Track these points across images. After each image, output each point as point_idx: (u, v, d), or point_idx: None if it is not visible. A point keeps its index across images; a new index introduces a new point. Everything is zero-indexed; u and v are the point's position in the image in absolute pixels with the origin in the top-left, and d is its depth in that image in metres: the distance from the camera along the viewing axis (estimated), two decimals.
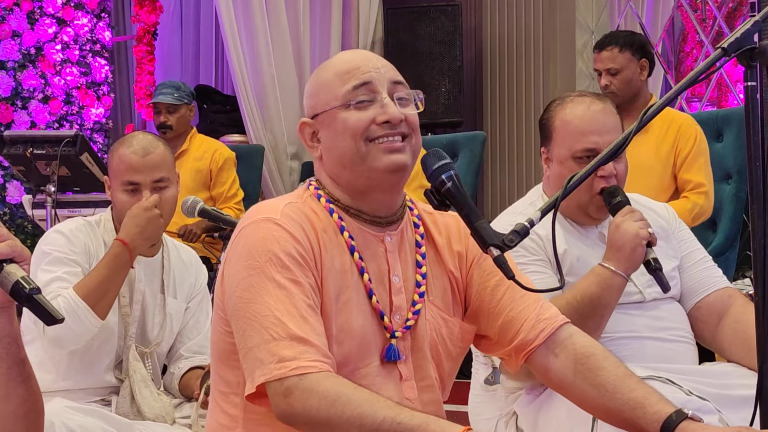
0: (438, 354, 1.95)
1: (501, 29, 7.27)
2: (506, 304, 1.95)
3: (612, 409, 1.84)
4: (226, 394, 1.89)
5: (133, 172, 2.72)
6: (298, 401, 1.69)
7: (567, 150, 2.50)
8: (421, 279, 1.93)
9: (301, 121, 1.94)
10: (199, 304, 2.94)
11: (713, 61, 1.70)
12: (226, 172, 5.37)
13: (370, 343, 1.85)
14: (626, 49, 4.27)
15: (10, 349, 1.59)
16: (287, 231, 1.80)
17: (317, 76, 1.94)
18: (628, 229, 2.37)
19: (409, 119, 1.88)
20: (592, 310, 2.36)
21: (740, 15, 8.05)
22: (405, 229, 1.94)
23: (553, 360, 1.91)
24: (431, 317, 1.93)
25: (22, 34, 7.02)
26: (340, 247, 1.86)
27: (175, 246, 2.93)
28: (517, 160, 7.27)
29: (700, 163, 4.08)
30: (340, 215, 1.88)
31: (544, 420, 2.38)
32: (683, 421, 1.75)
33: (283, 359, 1.70)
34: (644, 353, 2.46)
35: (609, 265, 2.38)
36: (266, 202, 1.91)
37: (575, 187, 1.81)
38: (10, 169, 6.43)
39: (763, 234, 1.65)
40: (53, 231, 2.76)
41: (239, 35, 6.69)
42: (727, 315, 2.54)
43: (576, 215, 2.55)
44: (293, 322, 1.73)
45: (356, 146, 1.84)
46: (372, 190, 1.88)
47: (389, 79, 1.89)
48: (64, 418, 2.46)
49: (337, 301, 1.82)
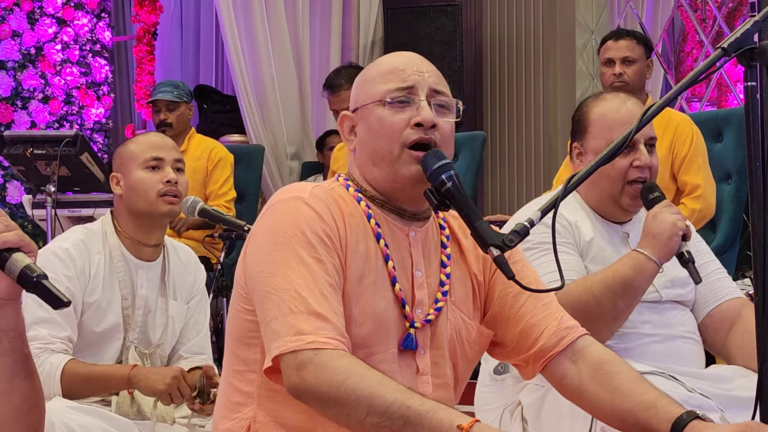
0: (455, 354, 1.96)
1: (501, 29, 7.27)
2: (528, 310, 1.96)
3: (625, 411, 1.85)
4: (241, 372, 1.89)
5: (157, 148, 2.79)
6: (311, 375, 1.69)
7: (604, 141, 2.53)
8: (446, 279, 1.94)
9: (342, 114, 1.97)
10: (198, 304, 2.95)
11: (713, 61, 1.70)
12: (220, 170, 5.36)
13: (389, 329, 1.86)
14: (641, 44, 4.31)
15: (15, 344, 1.60)
16: (315, 210, 1.81)
17: (363, 73, 1.98)
18: (666, 218, 2.44)
19: (442, 128, 1.89)
20: (623, 290, 2.41)
21: (740, 15, 8.05)
22: (430, 229, 1.96)
23: (569, 367, 1.93)
24: (452, 318, 1.95)
25: (22, 34, 7.02)
26: (366, 233, 1.87)
27: (174, 246, 2.94)
28: (517, 160, 7.27)
29: (697, 164, 4.08)
30: (368, 203, 1.90)
31: (548, 411, 2.41)
32: (693, 421, 1.77)
33: (300, 332, 1.71)
34: (650, 350, 2.49)
35: (644, 250, 2.43)
36: (296, 183, 1.94)
37: (575, 187, 1.80)
38: (10, 169, 6.43)
39: (763, 234, 1.65)
40: (49, 252, 2.72)
41: (239, 35, 6.69)
42: (737, 322, 2.58)
43: (606, 208, 2.59)
44: (313, 297, 1.74)
45: (390, 147, 1.86)
46: (396, 192, 1.90)
47: (430, 85, 1.91)
48: (65, 417, 2.46)
49: (359, 284, 1.83)
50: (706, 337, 2.61)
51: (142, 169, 2.77)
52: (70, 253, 2.71)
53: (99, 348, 2.76)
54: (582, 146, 2.64)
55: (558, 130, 7.00)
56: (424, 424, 1.64)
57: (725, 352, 2.59)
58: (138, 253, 2.80)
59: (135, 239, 2.79)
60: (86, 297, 2.71)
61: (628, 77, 4.23)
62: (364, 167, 1.92)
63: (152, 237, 2.82)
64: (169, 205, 2.76)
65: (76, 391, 2.63)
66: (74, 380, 2.63)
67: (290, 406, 1.80)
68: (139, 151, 2.78)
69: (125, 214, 2.80)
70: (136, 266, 2.80)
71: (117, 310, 2.76)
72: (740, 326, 2.56)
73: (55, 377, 2.61)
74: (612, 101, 2.61)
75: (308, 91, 6.96)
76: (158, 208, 2.75)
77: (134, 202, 2.76)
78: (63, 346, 2.66)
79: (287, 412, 1.83)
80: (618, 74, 4.23)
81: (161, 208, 2.76)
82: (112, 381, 2.68)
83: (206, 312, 2.97)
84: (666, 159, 4.09)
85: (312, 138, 6.98)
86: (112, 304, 2.75)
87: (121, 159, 2.81)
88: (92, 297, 2.72)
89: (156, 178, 2.75)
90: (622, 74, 4.22)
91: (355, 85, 1.97)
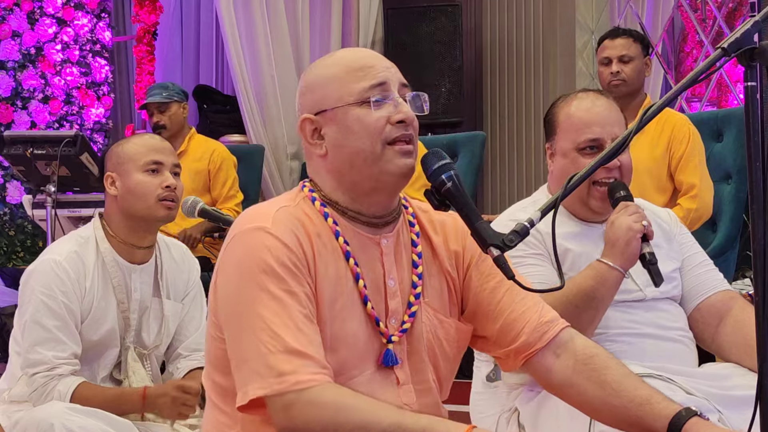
0: (435, 356, 1.93)
1: (501, 29, 7.27)
2: (506, 306, 1.94)
3: (617, 407, 1.83)
4: (222, 396, 1.87)
5: (157, 152, 2.76)
6: (300, 415, 1.67)
7: (571, 142, 2.51)
8: (417, 280, 1.90)
9: (302, 117, 1.87)
10: (193, 300, 2.93)
11: (713, 61, 1.70)
12: (224, 173, 5.35)
13: (364, 350, 1.83)
14: (638, 42, 4.28)
15: None
16: (279, 240, 1.75)
17: (319, 72, 1.88)
18: (622, 224, 2.38)
19: (414, 122, 1.86)
20: (587, 303, 2.36)
21: (740, 15, 8.04)
22: (401, 230, 1.92)
23: (554, 361, 1.91)
24: (427, 319, 1.91)
25: (22, 34, 7.02)
26: (335, 253, 1.82)
27: (167, 244, 2.92)
28: (517, 160, 7.27)
29: (694, 163, 4.07)
30: (335, 219, 1.85)
31: (545, 416, 2.38)
32: (692, 418, 1.75)
33: (282, 373, 1.68)
34: (642, 351, 2.46)
35: (605, 260, 2.39)
36: (257, 206, 1.87)
37: (576, 186, 1.80)
38: (10, 169, 6.43)
39: (763, 234, 1.65)
40: (44, 267, 2.70)
41: (239, 36, 6.69)
42: (727, 316, 2.54)
43: (579, 210, 2.55)
44: (290, 334, 1.70)
45: (372, 147, 1.81)
46: (376, 191, 1.85)
47: (399, 80, 1.87)
48: (64, 419, 2.46)
49: (331, 308, 1.80)
50: (696, 331, 2.57)
51: (141, 172, 2.74)
52: (63, 267, 2.68)
53: (97, 356, 2.75)
54: (552, 147, 2.59)
55: None
56: None
57: (716, 346, 2.56)
58: (130, 256, 2.78)
59: (127, 242, 2.77)
60: (83, 308, 2.70)
61: (626, 75, 4.21)
62: (339, 171, 1.85)
63: (145, 240, 2.80)
64: (167, 210, 2.75)
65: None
66: (85, 402, 2.61)
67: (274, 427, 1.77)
68: (139, 154, 2.76)
69: (118, 215, 2.77)
70: (129, 270, 2.78)
71: (113, 316, 2.75)
72: (731, 321, 2.52)
73: (66, 398, 2.61)
74: (582, 101, 2.55)
75: None
76: (156, 212, 2.74)
77: (131, 205, 2.74)
78: (69, 368, 2.65)
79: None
80: (615, 72, 4.21)
81: (159, 213, 2.74)
82: (125, 408, 2.67)
83: (202, 307, 2.95)
84: (663, 158, 4.08)
85: None
86: (107, 311, 2.74)
87: (119, 159, 2.77)
88: (89, 307, 2.71)
89: (156, 182, 2.73)
90: (619, 72, 4.21)
91: (311, 87, 1.88)
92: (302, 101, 1.90)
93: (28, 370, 2.64)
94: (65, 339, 2.65)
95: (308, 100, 1.88)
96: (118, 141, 2.86)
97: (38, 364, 2.62)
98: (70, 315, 2.66)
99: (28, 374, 2.64)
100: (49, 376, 2.61)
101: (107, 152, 2.85)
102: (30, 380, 2.64)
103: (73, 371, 2.65)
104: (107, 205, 2.81)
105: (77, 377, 2.64)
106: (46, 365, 2.62)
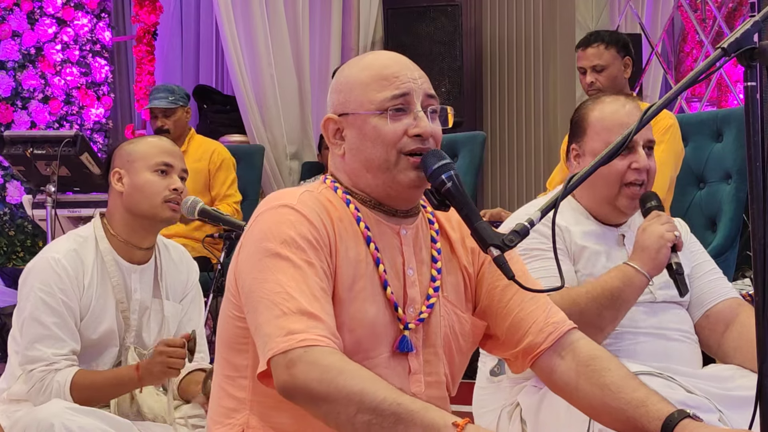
0: (450, 349, 1.95)
1: (501, 29, 7.27)
2: (515, 305, 1.96)
3: (615, 408, 1.84)
4: (233, 378, 1.88)
5: (169, 155, 2.79)
6: (300, 373, 1.67)
7: (602, 143, 2.54)
8: (437, 274, 1.93)
9: (326, 117, 1.92)
10: (192, 301, 2.94)
11: (713, 61, 1.70)
12: (224, 172, 5.36)
13: (381, 334, 1.85)
14: (611, 46, 4.22)
15: None
16: (303, 216, 1.80)
17: (350, 73, 1.92)
18: (654, 231, 2.44)
19: (436, 135, 1.88)
20: (610, 303, 2.41)
21: (740, 15, 8.04)
22: (420, 225, 1.96)
23: (558, 362, 1.93)
24: (445, 313, 1.94)
25: (22, 34, 7.02)
26: (356, 237, 1.86)
27: (166, 246, 2.93)
28: (517, 160, 7.27)
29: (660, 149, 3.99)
30: (357, 206, 1.89)
31: (546, 411, 2.41)
32: (684, 419, 1.76)
33: (291, 332, 1.69)
34: (645, 349, 2.49)
35: (633, 263, 2.44)
36: (284, 190, 1.92)
37: (575, 187, 1.80)
38: (10, 169, 6.43)
39: (763, 234, 1.65)
40: (43, 264, 2.70)
41: (239, 36, 6.69)
42: (734, 322, 2.58)
43: (601, 210, 2.60)
44: (305, 298, 1.73)
45: (386, 155, 1.85)
46: (390, 197, 1.90)
47: (424, 91, 1.89)
48: (64, 419, 2.46)
49: (350, 289, 1.82)
50: (702, 337, 2.61)
51: (151, 171, 2.76)
52: (62, 265, 2.69)
53: (96, 354, 2.75)
54: (580, 148, 2.64)
55: (558, 130, 7.00)
56: (416, 421, 1.63)
57: (721, 353, 2.59)
58: (130, 256, 2.79)
59: (128, 242, 2.77)
60: (82, 305, 2.71)
61: (601, 84, 4.17)
62: (355, 173, 1.90)
63: (145, 240, 2.80)
64: (171, 212, 2.77)
65: (90, 400, 2.63)
66: (85, 390, 2.63)
67: (283, 411, 1.80)
68: (151, 154, 2.77)
69: (121, 213, 2.77)
70: (128, 270, 2.78)
71: (111, 315, 2.75)
72: (737, 327, 2.56)
73: (65, 393, 2.61)
74: (611, 104, 2.62)
75: (308, 91, 6.96)
76: (161, 213, 2.75)
77: (137, 202, 2.75)
78: (67, 363, 2.65)
79: (280, 417, 1.82)
80: (590, 83, 4.19)
81: (164, 214, 2.75)
82: (124, 383, 2.68)
83: (200, 309, 2.96)
84: None
85: (312, 138, 6.98)
86: (106, 310, 2.74)
87: (129, 157, 2.79)
88: (87, 305, 2.71)
89: (164, 183, 2.75)
90: (593, 83, 4.18)
91: (340, 87, 1.92)
92: (331, 99, 1.95)
93: (27, 367, 2.65)
94: (64, 336, 2.65)
95: (335, 100, 1.93)
96: (122, 141, 2.88)
97: (37, 361, 2.63)
98: (69, 312, 2.67)
99: (27, 370, 2.65)
100: (45, 371, 2.62)
101: (115, 149, 2.86)
102: (28, 376, 2.64)
103: (70, 365, 2.65)
104: (110, 202, 2.82)
105: (74, 367, 2.65)
106: (44, 362, 2.63)
